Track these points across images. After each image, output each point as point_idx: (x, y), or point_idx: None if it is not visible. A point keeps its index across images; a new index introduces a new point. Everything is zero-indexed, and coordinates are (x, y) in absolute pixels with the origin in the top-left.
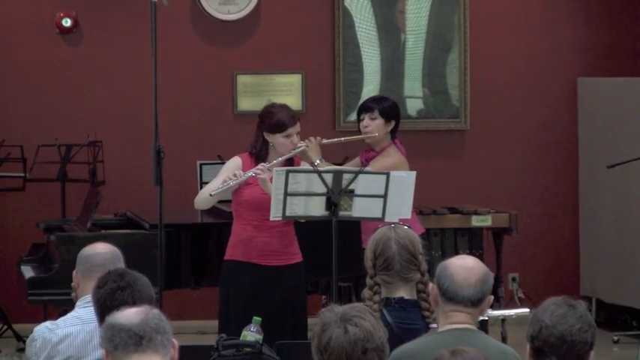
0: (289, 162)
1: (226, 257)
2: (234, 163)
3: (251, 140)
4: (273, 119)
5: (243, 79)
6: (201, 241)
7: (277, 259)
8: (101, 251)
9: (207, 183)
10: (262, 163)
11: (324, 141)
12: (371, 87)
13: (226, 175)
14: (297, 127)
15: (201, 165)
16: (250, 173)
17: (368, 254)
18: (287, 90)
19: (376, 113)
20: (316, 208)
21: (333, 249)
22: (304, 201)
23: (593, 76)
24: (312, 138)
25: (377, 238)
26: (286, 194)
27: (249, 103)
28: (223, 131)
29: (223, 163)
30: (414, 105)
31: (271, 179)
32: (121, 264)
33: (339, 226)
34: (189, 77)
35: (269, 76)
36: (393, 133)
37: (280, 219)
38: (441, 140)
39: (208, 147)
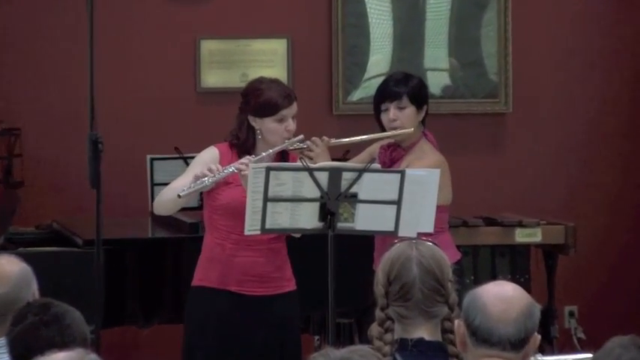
0: (282, 156)
1: (195, 283)
2: (210, 155)
3: (232, 127)
4: (261, 98)
5: (208, 46)
6: (153, 263)
7: (264, 287)
8: (8, 270)
9: (160, 185)
10: (247, 156)
11: (333, 141)
12: (379, 56)
13: (199, 171)
14: (294, 109)
15: (152, 160)
16: (231, 169)
17: (379, 278)
18: (267, 61)
19: (405, 100)
20: (307, 219)
21: (329, 273)
22: (291, 209)
23: None
24: (316, 139)
25: (392, 256)
26: (266, 199)
27: (216, 77)
28: (182, 115)
29: (181, 158)
30: (437, 80)
31: None
32: (31, 289)
33: (340, 241)
34: (137, 45)
35: (243, 41)
36: (423, 121)
37: (258, 233)
38: (474, 127)
39: (162, 136)
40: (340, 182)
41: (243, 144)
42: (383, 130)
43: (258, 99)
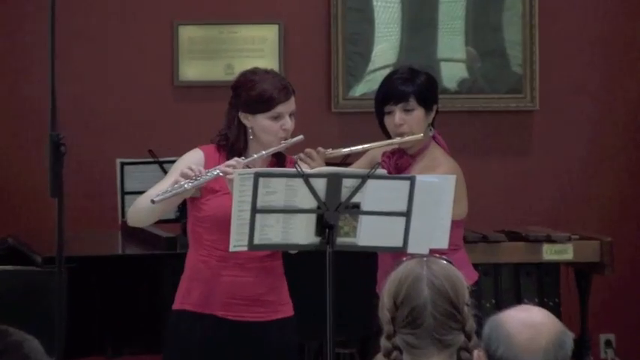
0: (279, 160)
1: (175, 306)
2: (194, 158)
3: (217, 126)
4: (253, 91)
5: (188, 33)
6: (123, 284)
7: (255, 312)
8: None
9: (131, 193)
10: (237, 158)
11: (330, 152)
12: (386, 45)
13: (180, 173)
14: (292, 104)
15: (122, 165)
16: (216, 172)
17: (385, 301)
18: (256, 50)
19: (413, 102)
20: (301, 233)
21: (327, 296)
22: (283, 221)
23: None
24: (310, 150)
25: (400, 276)
26: (255, 210)
27: (196, 69)
28: (157, 113)
29: (156, 163)
30: (452, 73)
31: None
32: None
33: (339, 259)
34: (104, 32)
35: (228, 27)
36: (432, 122)
37: (245, 249)
38: (495, 127)
39: (134, 137)
40: (340, 190)
41: (233, 145)
42: (386, 135)
43: (250, 92)
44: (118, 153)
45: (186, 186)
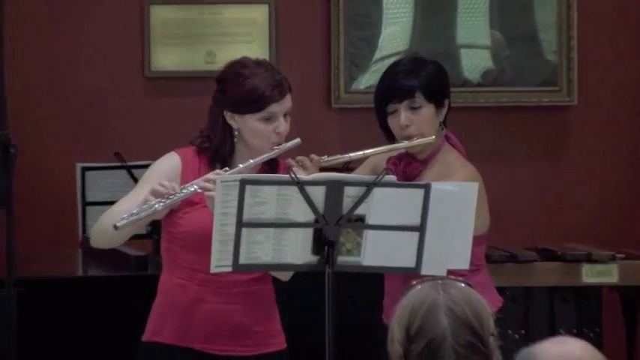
0: (270, 168)
1: (145, 338)
2: (169, 164)
3: (202, 124)
4: (242, 87)
5: (161, 14)
6: (84, 310)
7: (241, 345)
8: None
9: (94, 204)
10: (218, 170)
11: (326, 159)
12: (396, 29)
13: (150, 190)
14: (287, 103)
15: (83, 170)
16: (192, 188)
17: (396, 333)
18: (242, 34)
19: (420, 98)
20: (296, 251)
21: (327, 326)
22: (274, 237)
23: None
24: (302, 158)
25: (413, 303)
26: (241, 224)
27: (172, 57)
28: (125, 109)
29: (124, 168)
30: (475, 62)
31: None
32: None
33: (338, 282)
34: (62, 13)
35: (209, 8)
36: (444, 120)
37: (229, 270)
38: (525, 125)
39: (97, 138)
40: (342, 201)
41: (216, 149)
42: (390, 140)
43: (238, 88)
44: (78, 156)
45: (156, 206)
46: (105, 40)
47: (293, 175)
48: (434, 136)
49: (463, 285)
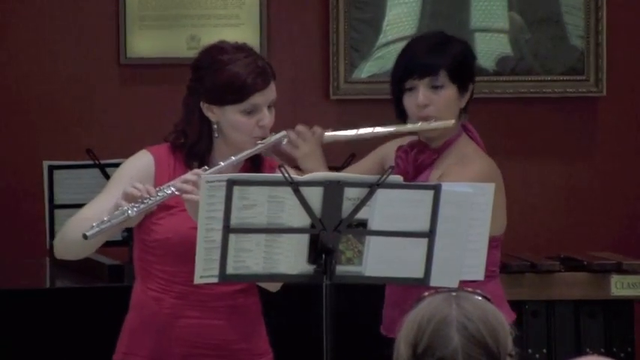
0: (254, 165)
1: (118, 357)
2: (141, 164)
3: (179, 118)
4: (221, 75)
5: None
6: (52, 326)
7: None
8: None
9: (63, 207)
10: (197, 170)
11: (329, 135)
12: (402, 10)
13: (122, 194)
14: (271, 93)
15: (51, 169)
16: (169, 190)
17: (402, 350)
18: (229, 17)
19: (443, 77)
20: (290, 260)
21: (324, 342)
22: (265, 245)
23: None
24: (303, 129)
25: (421, 318)
26: (228, 230)
27: (150, 42)
28: (98, 100)
29: (97, 166)
30: (491, 47)
31: None
32: None
33: (339, 294)
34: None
35: None
36: (465, 108)
37: (215, 281)
38: (548, 118)
39: (67, 133)
40: (341, 203)
41: (193, 146)
42: (404, 120)
43: (216, 76)
44: (45, 153)
45: (129, 212)
46: (75, 23)
47: (286, 175)
48: (453, 121)
49: (480, 298)
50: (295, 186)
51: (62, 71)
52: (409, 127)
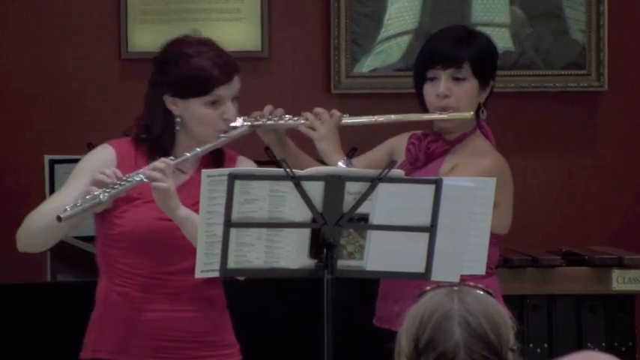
0: (215, 159)
1: (85, 355)
2: (102, 157)
3: (140, 113)
4: (185, 68)
5: None
6: (52, 320)
7: (192, 357)
8: None
9: None
10: (165, 159)
11: (347, 119)
12: (404, 4)
13: (90, 180)
14: (235, 86)
15: (52, 163)
16: (138, 178)
17: (403, 345)
18: (231, 10)
19: (466, 69)
20: (291, 254)
21: (325, 340)
22: (267, 239)
23: None
24: (322, 111)
25: (423, 312)
26: (229, 224)
27: (152, 36)
28: (99, 95)
29: None
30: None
31: (181, 188)
32: None
33: (340, 287)
34: None
35: None
36: (485, 103)
37: (217, 275)
38: (549, 113)
39: (68, 127)
40: (342, 198)
41: (156, 140)
42: (423, 110)
43: (181, 69)
44: (46, 148)
45: (101, 197)
46: (76, 17)
47: (287, 169)
48: (471, 113)
49: (481, 293)
50: (296, 180)
51: (63, 65)
52: (426, 116)
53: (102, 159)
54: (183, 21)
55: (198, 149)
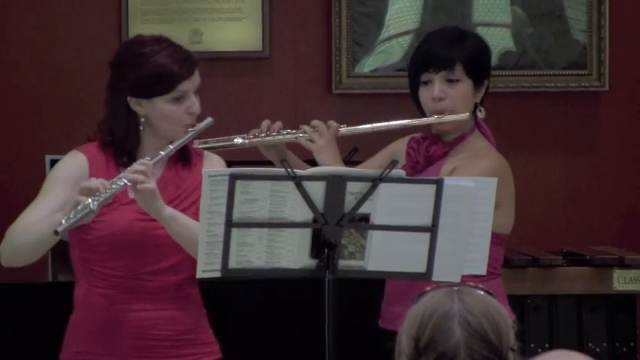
0: (183, 155)
1: (66, 356)
2: (75, 164)
3: (103, 116)
4: (147, 67)
5: None
6: (53, 320)
7: (177, 356)
8: None
9: None
10: (143, 160)
11: (344, 129)
12: (405, 4)
13: (79, 190)
14: (196, 80)
15: (53, 163)
16: (122, 182)
17: (403, 345)
18: (232, 10)
19: (459, 70)
20: (292, 254)
21: (327, 341)
22: (267, 239)
23: None
24: (319, 123)
25: (423, 312)
26: (230, 224)
27: None
28: (100, 95)
29: None
30: (493, 42)
31: (163, 184)
32: None
33: (345, 289)
34: None
35: None
36: (481, 103)
37: (218, 275)
38: (550, 113)
39: (69, 127)
40: (344, 198)
41: (122, 142)
42: (421, 114)
43: (141, 69)
44: (48, 148)
45: (92, 206)
46: (77, 17)
47: (289, 170)
48: (467, 114)
49: (482, 293)
50: (298, 180)
51: (64, 65)
52: (423, 120)
53: (74, 166)
54: (184, 21)
55: (171, 146)
